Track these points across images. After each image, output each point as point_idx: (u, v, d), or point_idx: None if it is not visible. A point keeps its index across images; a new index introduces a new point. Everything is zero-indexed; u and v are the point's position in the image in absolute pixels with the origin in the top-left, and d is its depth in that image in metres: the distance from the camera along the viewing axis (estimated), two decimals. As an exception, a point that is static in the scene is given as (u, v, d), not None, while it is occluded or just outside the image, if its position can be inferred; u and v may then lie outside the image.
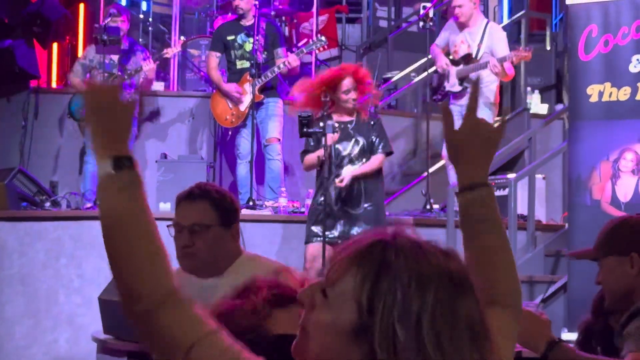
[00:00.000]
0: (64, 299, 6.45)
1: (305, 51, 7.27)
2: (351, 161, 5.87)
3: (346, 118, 5.92)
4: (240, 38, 7.35)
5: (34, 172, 7.55)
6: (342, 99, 5.80)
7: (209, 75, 7.61)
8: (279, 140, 7.22)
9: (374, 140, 5.85)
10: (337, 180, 5.74)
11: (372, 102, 6.06)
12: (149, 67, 7.29)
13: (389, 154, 5.94)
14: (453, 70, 7.07)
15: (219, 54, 7.42)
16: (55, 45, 8.47)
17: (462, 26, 7.14)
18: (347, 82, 5.79)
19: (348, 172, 5.77)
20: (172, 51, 7.51)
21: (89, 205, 6.87)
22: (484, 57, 6.96)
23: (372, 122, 5.87)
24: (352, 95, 5.80)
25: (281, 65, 7.13)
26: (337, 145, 5.82)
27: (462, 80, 7.03)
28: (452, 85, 7.11)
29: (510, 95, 8.73)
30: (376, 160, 5.85)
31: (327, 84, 5.77)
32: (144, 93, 7.55)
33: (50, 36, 7.98)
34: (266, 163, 7.25)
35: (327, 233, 5.71)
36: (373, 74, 8.14)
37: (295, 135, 6.62)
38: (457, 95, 7.08)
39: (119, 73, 7.29)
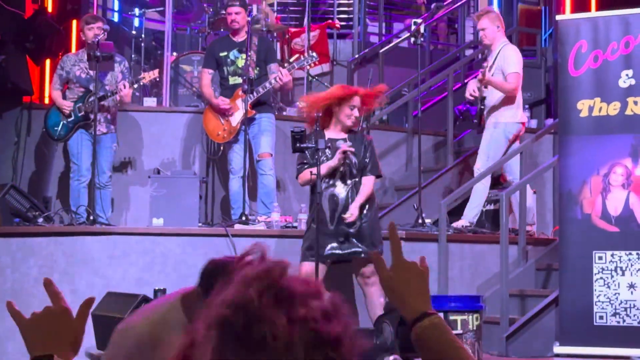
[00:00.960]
0: (57, 314, 6.42)
1: (296, 67, 7.30)
2: (342, 177, 5.90)
3: (340, 135, 5.96)
4: (232, 54, 7.37)
5: (26, 187, 7.55)
6: (346, 112, 5.86)
7: (202, 91, 7.63)
8: (271, 155, 7.23)
9: (366, 162, 5.92)
10: (346, 216, 5.78)
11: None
12: (124, 92, 7.19)
13: (378, 176, 6.02)
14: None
15: (211, 71, 7.44)
16: (47, 61, 8.48)
17: (487, 48, 7.31)
18: (356, 100, 5.90)
19: (354, 207, 5.83)
20: (148, 77, 7.36)
21: (81, 221, 6.86)
22: (494, 75, 7.05)
23: (365, 144, 5.93)
24: (355, 113, 5.90)
25: (273, 81, 7.16)
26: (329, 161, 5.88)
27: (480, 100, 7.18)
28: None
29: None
30: (369, 183, 5.93)
31: (340, 97, 5.86)
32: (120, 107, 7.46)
33: (43, 52, 7.98)
34: (259, 178, 7.27)
35: (322, 252, 5.73)
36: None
37: (287, 150, 6.64)
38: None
39: (94, 90, 7.20)
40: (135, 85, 7.42)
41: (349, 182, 5.90)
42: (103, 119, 7.30)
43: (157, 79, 7.78)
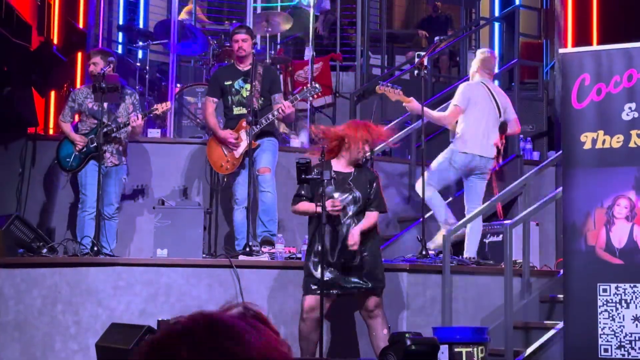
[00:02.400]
0: (60, 345, 6.41)
1: (299, 98, 7.31)
2: (343, 211, 5.90)
3: (346, 169, 5.97)
4: (237, 84, 7.38)
5: (31, 218, 7.55)
6: (359, 147, 5.90)
7: (206, 120, 7.63)
8: (271, 170, 7.20)
9: (371, 198, 5.92)
10: (349, 244, 5.79)
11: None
12: (136, 123, 7.24)
13: (382, 212, 6.02)
14: None
15: (216, 100, 7.43)
16: (53, 93, 8.52)
17: None
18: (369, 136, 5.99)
19: (354, 231, 5.83)
20: (162, 108, 7.42)
21: (85, 252, 6.86)
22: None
23: (370, 178, 5.95)
24: (367, 148, 5.93)
25: (275, 113, 7.17)
26: (334, 194, 5.88)
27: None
28: None
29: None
30: (372, 217, 5.93)
31: (363, 139, 5.94)
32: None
33: (48, 84, 8.02)
34: (258, 195, 7.26)
35: (325, 285, 5.73)
36: (367, 121, 8.21)
37: (291, 181, 6.66)
38: None
39: (107, 122, 7.25)
40: (146, 117, 7.45)
41: (350, 216, 5.90)
42: (115, 151, 7.32)
43: (168, 110, 7.82)
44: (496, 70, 10.29)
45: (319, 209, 5.71)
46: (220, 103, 7.46)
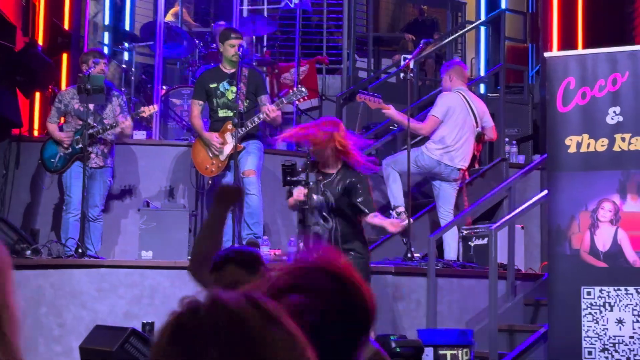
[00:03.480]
0: (44, 348, 6.38)
1: (285, 101, 7.31)
2: (321, 215, 5.81)
3: (331, 170, 5.91)
4: (222, 86, 7.36)
5: (15, 220, 7.51)
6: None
7: (191, 123, 7.61)
8: (256, 173, 7.20)
9: (358, 201, 5.75)
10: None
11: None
12: (125, 124, 7.22)
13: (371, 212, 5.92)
14: None
15: (201, 102, 7.42)
16: (37, 95, 8.48)
17: None
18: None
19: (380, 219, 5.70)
20: (149, 111, 7.40)
21: (70, 254, 6.83)
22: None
23: (357, 180, 5.81)
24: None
25: (261, 116, 7.17)
26: (313, 196, 5.80)
27: None
28: None
29: (488, 146, 8.81)
30: (375, 219, 5.72)
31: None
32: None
33: (33, 85, 7.99)
34: (244, 198, 7.23)
35: None
36: (354, 124, 8.23)
37: (276, 184, 6.65)
38: None
39: (94, 124, 7.23)
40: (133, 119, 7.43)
41: (329, 220, 5.82)
42: (100, 152, 7.31)
43: (156, 112, 7.80)
44: (482, 74, 10.35)
45: (298, 196, 5.67)
46: (206, 105, 7.45)
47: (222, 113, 7.35)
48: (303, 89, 7.24)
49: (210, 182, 7.60)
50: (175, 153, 8.01)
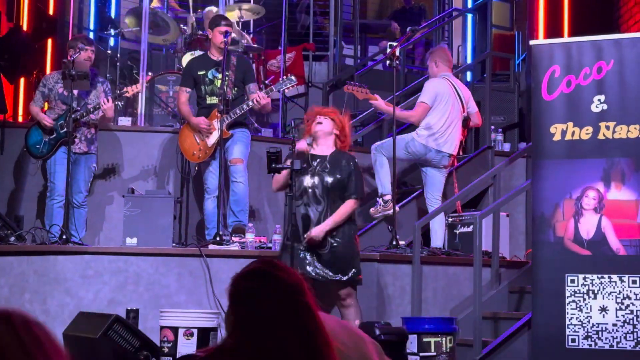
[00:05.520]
0: (28, 334, 6.35)
1: (274, 89, 7.29)
2: (314, 196, 5.86)
3: (323, 152, 5.94)
4: (211, 73, 7.33)
5: (-1, 206, 7.49)
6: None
7: (179, 110, 7.59)
8: (243, 161, 7.20)
9: (347, 183, 5.85)
10: (307, 235, 5.74)
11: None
12: (107, 106, 7.17)
13: (359, 198, 5.94)
14: None
15: (189, 90, 7.41)
16: (22, 80, 8.43)
17: None
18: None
19: (319, 229, 5.76)
20: (132, 90, 7.37)
21: (54, 240, 6.80)
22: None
23: (350, 163, 5.89)
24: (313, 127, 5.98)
25: (250, 103, 7.15)
26: (304, 179, 5.84)
27: None
28: None
29: (474, 133, 8.82)
30: (347, 207, 5.84)
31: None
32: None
33: (18, 71, 7.94)
34: (230, 185, 7.23)
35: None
36: (340, 111, 8.20)
37: (262, 171, 6.64)
38: None
39: (77, 108, 7.21)
40: (117, 102, 7.39)
41: (322, 201, 5.86)
42: (84, 137, 7.27)
43: (139, 93, 7.75)
44: (469, 61, 10.34)
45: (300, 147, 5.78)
46: (194, 92, 7.43)
47: (210, 100, 7.33)
48: (292, 78, 7.22)
49: (196, 168, 7.59)
50: (160, 140, 7.99)
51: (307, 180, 5.84)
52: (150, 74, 8.44)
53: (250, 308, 2.23)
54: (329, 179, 5.83)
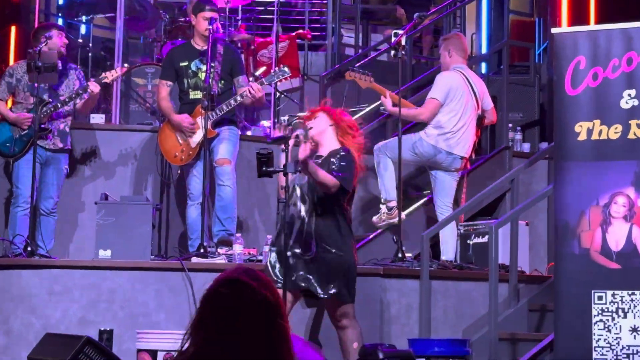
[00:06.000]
0: (-12, 358, 6.36)
1: (265, 83, 7.29)
2: (302, 194, 5.86)
3: (324, 152, 5.93)
4: (194, 65, 7.34)
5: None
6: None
7: (159, 105, 7.58)
8: (231, 162, 7.19)
9: (332, 167, 5.76)
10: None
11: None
12: (97, 89, 7.15)
13: (344, 190, 5.82)
14: None
15: (170, 83, 7.41)
16: (-18, 71, 8.43)
17: None
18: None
19: (303, 154, 5.61)
20: (112, 76, 7.37)
21: (18, 252, 6.79)
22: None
23: (342, 153, 5.86)
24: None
25: (238, 98, 7.13)
26: (295, 176, 5.81)
27: None
28: None
29: (489, 132, 8.82)
30: (330, 177, 5.71)
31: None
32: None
33: (-21, 61, 7.94)
34: (215, 190, 7.22)
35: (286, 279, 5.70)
36: (339, 106, 8.20)
37: (253, 175, 6.63)
38: None
39: (50, 99, 7.20)
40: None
41: (307, 200, 5.82)
42: (57, 132, 7.26)
43: (117, 79, 7.74)
44: (484, 51, 10.34)
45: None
46: (175, 86, 7.42)
47: (193, 95, 7.33)
48: (286, 69, 7.23)
49: (179, 171, 7.59)
50: (137, 139, 7.99)
51: (298, 179, 5.85)
52: (126, 65, 8.44)
53: (220, 318, 2.29)
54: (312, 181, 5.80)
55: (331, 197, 5.81)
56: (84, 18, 9.52)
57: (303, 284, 5.75)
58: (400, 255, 6.89)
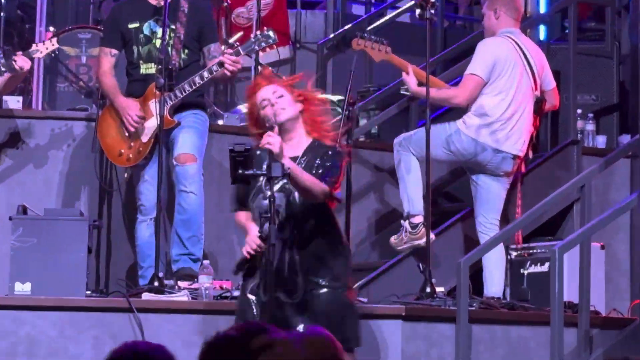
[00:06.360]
0: None
1: (242, 52, 7.28)
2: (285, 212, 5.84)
3: (295, 152, 5.88)
4: (147, 27, 7.37)
5: None
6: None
7: (100, 83, 7.56)
8: (196, 160, 7.20)
9: (318, 170, 5.76)
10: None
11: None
12: (28, 65, 7.24)
13: (332, 197, 5.81)
14: None
15: (115, 52, 7.42)
16: None
17: None
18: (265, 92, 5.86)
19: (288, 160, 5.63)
20: (45, 49, 7.40)
21: None
22: None
23: (329, 153, 5.86)
24: (269, 111, 5.80)
25: (207, 74, 7.14)
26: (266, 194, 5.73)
27: None
28: None
29: (550, 121, 8.82)
30: (318, 182, 5.71)
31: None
32: None
33: None
34: (176, 197, 7.23)
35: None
36: (343, 85, 8.19)
37: (224, 180, 6.63)
38: None
39: None
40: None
41: (286, 228, 5.78)
42: None
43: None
44: (542, 10, 10.34)
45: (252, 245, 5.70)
46: (122, 57, 7.45)
47: (145, 69, 7.38)
48: (270, 34, 7.24)
49: (126, 175, 7.60)
50: (68, 130, 7.97)
51: (264, 204, 5.73)
52: (51, 29, 8.44)
53: None
54: (294, 194, 5.76)
55: (318, 210, 5.81)
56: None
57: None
58: (428, 289, 6.89)
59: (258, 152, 5.76)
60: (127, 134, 7.32)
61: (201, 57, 7.38)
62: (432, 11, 7.30)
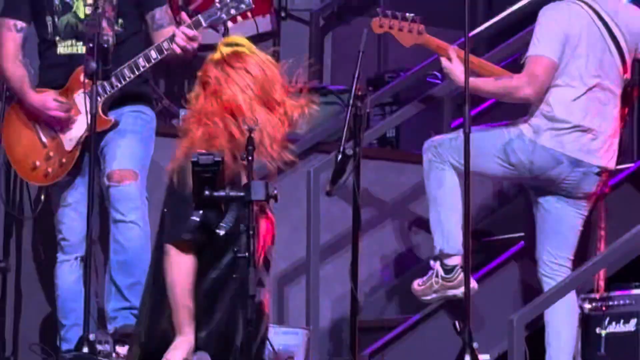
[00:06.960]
0: None
1: (205, 23, 7.32)
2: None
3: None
4: (67, -8, 7.43)
5: None
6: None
7: (3, 71, 7.57)
8: (137, 177, 7.27)
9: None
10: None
11: None
12: None
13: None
14: None
15: (21, 24, 7.49)
16: None
17: None
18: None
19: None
20: None
21: None
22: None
23: None
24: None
25: (154, 53, 7.22)
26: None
27: None
28: None
29: (638, 120, 8.82)
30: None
31: None
32: None
33: None
34: (111, 229, 7.28)
35: None
36: (348, 71, 8.18)
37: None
38: None
39: None
40: None
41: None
42: None
43: None
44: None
45: None
46: (32, 34, 7.51)
47: (65, 49, 7.49)
48: (245, -1, 7.26)
49: (43, 197, 7.66)
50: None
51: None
52: None
53: None
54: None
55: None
56: None
57: None
58: (468, 358, 6.86)
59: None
60: (42, 140, 7.32)
61: (143, 28, 7.39)
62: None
